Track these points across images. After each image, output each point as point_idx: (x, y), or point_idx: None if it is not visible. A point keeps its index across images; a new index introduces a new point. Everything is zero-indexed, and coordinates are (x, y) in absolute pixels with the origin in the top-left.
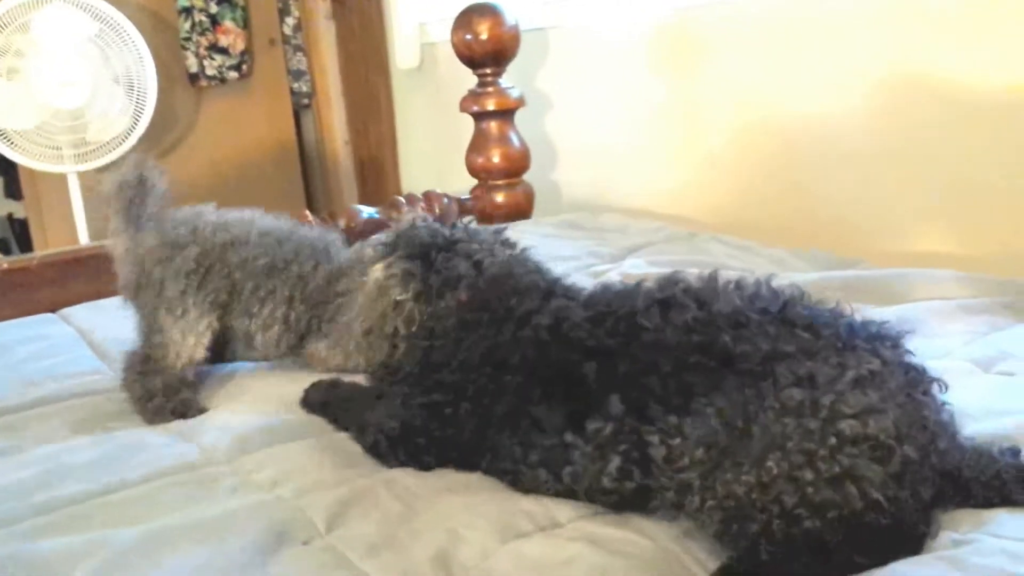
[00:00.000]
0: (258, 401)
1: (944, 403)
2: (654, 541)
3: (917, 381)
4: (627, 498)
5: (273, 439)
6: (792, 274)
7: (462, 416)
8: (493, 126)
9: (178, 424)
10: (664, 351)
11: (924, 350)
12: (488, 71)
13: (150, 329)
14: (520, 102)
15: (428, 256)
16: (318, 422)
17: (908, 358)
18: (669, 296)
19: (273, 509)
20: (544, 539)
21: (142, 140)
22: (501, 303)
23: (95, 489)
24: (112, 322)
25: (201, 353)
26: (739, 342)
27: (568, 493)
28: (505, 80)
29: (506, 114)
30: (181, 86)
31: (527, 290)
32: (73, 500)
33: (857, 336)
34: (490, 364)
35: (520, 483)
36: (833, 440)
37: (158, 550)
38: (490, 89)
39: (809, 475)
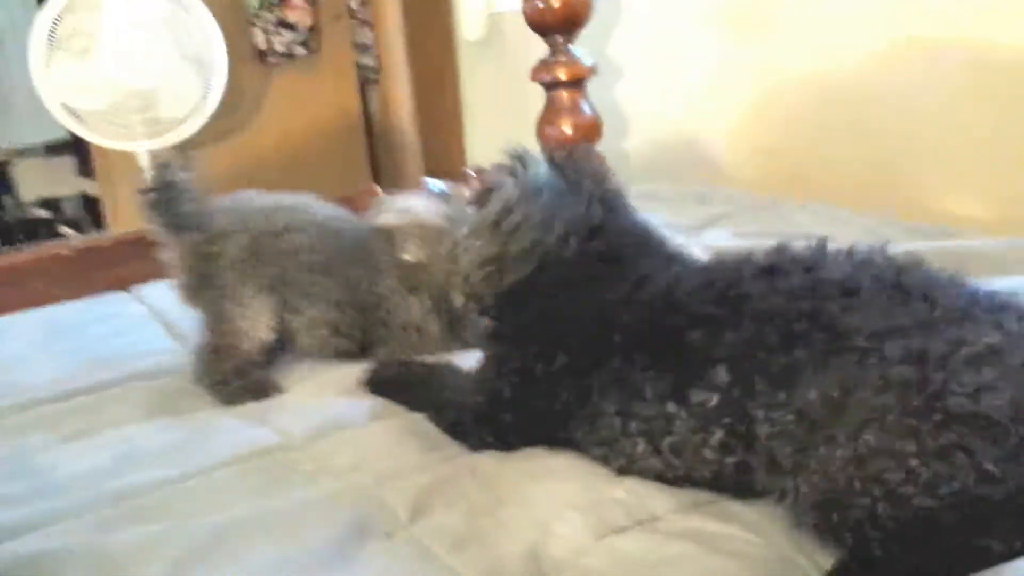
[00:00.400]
0: (332, 383)
1: None
2: (765, 538)
3: None
4: (726, 475)
5: (350, 422)
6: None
7: (558, 378)
8: (564, 95)
9: (252, 408)
10: (770, 320)
11: None
12: (559, 39)
13: (216, 320)
14: (592, 70)
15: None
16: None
17: None
18: (775, 263)
19: (353, 498)
20: (642, 534)
21: (213, 118)
22: (627, 262)
23: (169, 476)
24: None
25: (269, 334)
26: (848, 312)
27: (663, 468)
28: (576, 48)
29: (578, 83)
30: (249, 63)
31: (654, 251)
32: (147, 488)
33: (979, 306)
34: (598, 323)
35: (614, 456)
36: (939, 416)
37: (235, 543)
38: (562, 58)
39: (912, 447)
